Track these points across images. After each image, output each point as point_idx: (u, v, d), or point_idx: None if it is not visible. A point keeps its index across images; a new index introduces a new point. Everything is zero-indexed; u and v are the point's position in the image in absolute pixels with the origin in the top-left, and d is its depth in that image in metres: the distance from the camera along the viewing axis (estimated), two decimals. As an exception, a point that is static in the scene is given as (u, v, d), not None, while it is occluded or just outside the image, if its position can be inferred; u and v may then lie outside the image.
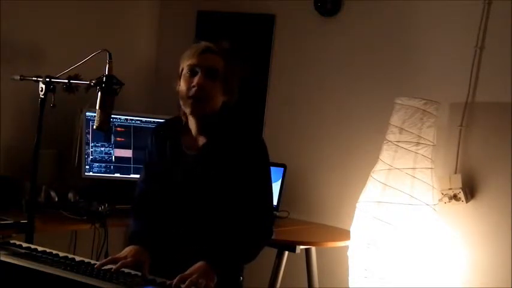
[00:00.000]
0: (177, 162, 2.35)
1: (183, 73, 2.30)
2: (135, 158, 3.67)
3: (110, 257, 2.14)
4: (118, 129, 3.65)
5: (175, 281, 1.96)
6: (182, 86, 2.29)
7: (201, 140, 2.34)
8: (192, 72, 2.27)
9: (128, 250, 2.20)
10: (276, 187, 3.51)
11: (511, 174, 3.15)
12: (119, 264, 2.06)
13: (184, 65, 2.29)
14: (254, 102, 3.89)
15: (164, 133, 2.42)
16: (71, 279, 1.89)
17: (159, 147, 2.41)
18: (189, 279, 1.98)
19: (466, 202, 3.22)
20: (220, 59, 2.28)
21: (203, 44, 2.30)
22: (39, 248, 2.15)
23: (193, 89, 2.25)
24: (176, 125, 2.40)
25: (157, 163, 2.40)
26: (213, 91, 2.27)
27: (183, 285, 1.95)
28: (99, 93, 2.40)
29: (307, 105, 3.80)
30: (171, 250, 2.31)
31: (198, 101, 2.26)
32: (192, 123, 2.35)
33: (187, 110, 2.29)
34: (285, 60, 3.88)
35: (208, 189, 2.29)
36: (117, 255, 2.16)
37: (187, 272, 2.04)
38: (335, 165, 3.68)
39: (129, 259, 2.13)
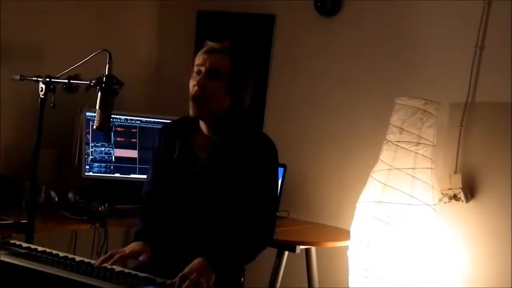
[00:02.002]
0: (188, 163, 2.34)
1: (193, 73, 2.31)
2: (136, 158, 3.67)
3: (109, 253, 2.15)
4: (118, 129, 3.64)
5: (176, 281, 1.95)
6: (190, 85, 2.29)
7: (213, 142, 2.33)
8: (198, 72, 2.28)
9: (128, 246, 2.22)
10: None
11: (511, 174, 3.16)
12: (116, 257, 2.06)
13: (194, 65, 2.30)
14: (254, 102, 3.87)
15: (173, 133, 2.41)
16: (71, 279, 1.89)
17: (167, 147, 2.39)
18: (189, 279, 1.98)
19: (466, 202, 3.22)
20: (226, 58, 2.26)
21: (209, 44, 2.30)
22: (39, 248, 2.16)
23: (195, 89, 2.26)
24: (187, 125, 2.39)
25: (166, 163, 2.39)
26: (214, 91, 2.26)
27: (184, 285, 1.95)
28: (99, 93, 2.40)
29: (307, 105, 3.80)
30: (178, 251, 2.31)
31: (199, 101, 2.26)
32: (202, 124, 2.35)
33: (190, 111, 2.29)
34: (285, 60, 3.88)
35: (218, 191, 2.29)
36: (116, 251, 2.17)
37: (186, 269, 2.04)
38: (335, 165, 3.68)
39: (127, 251, 2.14)
